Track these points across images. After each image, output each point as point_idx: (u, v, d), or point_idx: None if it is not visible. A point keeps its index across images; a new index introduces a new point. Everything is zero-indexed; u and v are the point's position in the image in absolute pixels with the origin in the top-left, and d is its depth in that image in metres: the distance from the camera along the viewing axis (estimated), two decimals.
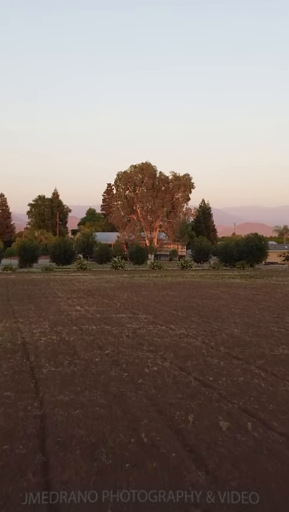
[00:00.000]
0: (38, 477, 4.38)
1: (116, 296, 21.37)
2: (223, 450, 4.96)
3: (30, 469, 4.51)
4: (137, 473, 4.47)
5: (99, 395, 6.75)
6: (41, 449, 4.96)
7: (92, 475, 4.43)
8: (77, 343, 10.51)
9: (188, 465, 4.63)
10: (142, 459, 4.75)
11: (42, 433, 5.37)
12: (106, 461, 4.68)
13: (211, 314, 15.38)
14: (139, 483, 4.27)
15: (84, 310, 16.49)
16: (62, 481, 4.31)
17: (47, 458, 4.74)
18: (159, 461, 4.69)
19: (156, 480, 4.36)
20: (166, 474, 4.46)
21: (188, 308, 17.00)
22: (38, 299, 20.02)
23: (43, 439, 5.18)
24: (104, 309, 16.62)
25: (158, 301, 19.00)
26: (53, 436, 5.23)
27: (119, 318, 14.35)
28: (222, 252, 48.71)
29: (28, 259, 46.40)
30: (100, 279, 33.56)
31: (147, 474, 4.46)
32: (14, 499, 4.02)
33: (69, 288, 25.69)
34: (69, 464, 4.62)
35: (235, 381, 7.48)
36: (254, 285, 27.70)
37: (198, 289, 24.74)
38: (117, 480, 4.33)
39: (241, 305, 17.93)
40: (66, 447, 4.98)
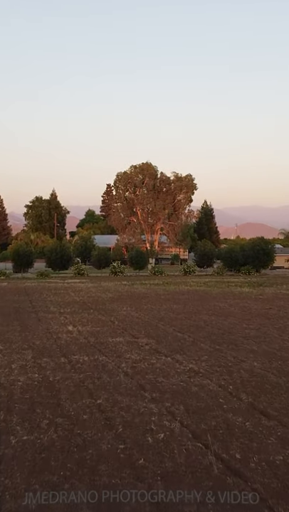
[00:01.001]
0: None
1: (114, 310, 19.32)
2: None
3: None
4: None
5: (83, 491, 4.71)
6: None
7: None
8: (63, 386, 8.46)
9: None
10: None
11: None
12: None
13: (222, 337, 13.32)
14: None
15: (76, 331, 14.43)
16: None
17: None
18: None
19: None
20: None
21: (196, 328, 14.94)
22: (26, 315, 17.96)
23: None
24: (100, 330, 14.58)
25: (160, 318, 16.95)
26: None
27: (116, 344, 12.30)
28: (226, 257, 46.68)
29: (22, 265, 44.38)
30: (98, 287, 31.51)
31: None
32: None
33: (63, 299, 23.63)
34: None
35: (272, 462, 5.43)
36: (264, 295, 25.64)
37: (204, 301, 22.69)
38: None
39: (255, 324, 15.86)
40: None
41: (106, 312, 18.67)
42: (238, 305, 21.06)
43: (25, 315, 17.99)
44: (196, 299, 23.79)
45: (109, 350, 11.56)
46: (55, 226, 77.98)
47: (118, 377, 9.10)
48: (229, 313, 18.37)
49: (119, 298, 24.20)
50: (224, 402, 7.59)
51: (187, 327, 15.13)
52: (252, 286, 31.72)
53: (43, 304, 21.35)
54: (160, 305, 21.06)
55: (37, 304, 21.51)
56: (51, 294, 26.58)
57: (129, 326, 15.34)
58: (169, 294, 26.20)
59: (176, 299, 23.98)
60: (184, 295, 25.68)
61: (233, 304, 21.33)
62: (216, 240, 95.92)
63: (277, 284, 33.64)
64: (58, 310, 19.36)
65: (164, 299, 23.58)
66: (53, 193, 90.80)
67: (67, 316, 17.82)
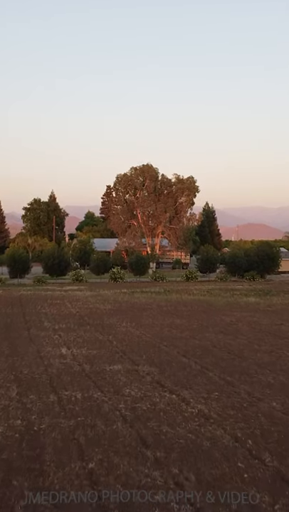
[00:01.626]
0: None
1: (112, 326, 17.93)
2: None
3: None
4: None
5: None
6: None
7: None
8: (49, 441, 7.06)
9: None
10: None
11: None
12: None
13: (232, 364, 11.91)
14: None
15: (70, 355, 13.05)
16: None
17: None
18: None
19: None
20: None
21: (202, 351, 13.52)
22: (17, 333, 16.58)
23: None
24: (97, 354, 13.18)
25: (163, 338, 15.54)
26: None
27: (114, 374, 10.90)
28: (230, 262, 45.26)
29: (18, 271, 42.96)
30: (96, 296, 30.09)
31: None
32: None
33: (59, 311, 22.23)
34: None
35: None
36: (272, 307, 24.22)
37: (209, 314, 21.28)
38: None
39: (267, 345, 14.47)
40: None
41: (104, 329, 17.28)
42: (245, 319, 19.65)
43: (16, 333, 16.59)
44: (200, 311, 22.39)
45: (106, 383, 10.17)
46: (53, 229, 76.61)
47: (115, 425, 7.70)
48: (237, 331, 16.98)
49: (118, 310, 22.80)
50: (244, 467, 6.18)
51: (192, 349, 13.73)
52: (258, 294, 30.30)
53: (37, 318, 19.95)
54: (162, 319, 19.66)
55: (30, 318, 20.11)
56: (46, 304, 25.18)
57: (128, 347, 13.94)
58: (172, 305, 24.78)
59: (179, 311, 22.57)
60: (187, 306, 24.27)
61: (240, 318, 19.91)
62: (217, 242, 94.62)
63: (284, 293, 32.19)
64: (52, 326, 17.97)
65: (166, 312, 22.17)
66: (52, 195, 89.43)
67: (62, 333, 16.44)
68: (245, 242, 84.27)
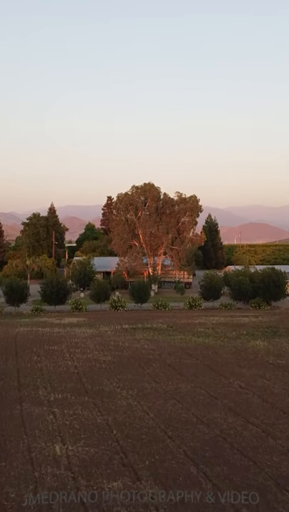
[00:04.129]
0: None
1: (112, 396, 16.57)
2: None
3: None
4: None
5: None
6: None
7: None
8: None
9: None
10: None
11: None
12: None
13: (247, 478, 10.47)
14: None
15: (65, 457, 11.69)
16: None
17: None
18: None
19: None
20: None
21: (212, 450, 12.12)
22: (9, 412, 15.16)
23: None
24: (94, 454, 11.81)
25: (167, 421, 14.11)
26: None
27: (113, 499, 9.46)
28: (235, 289, 43.74)
29: (16, 300, 41.52)
30: (96, 336, 28.64)
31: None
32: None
33: (55, 367, 20.81)
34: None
35: None
36: (282, 357, 22.74)
37: (217, 372, 19.86)
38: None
39: (284, 436, 13.06)
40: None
41: (103, 402, 15.88)
42: (256, 384, 18.23)
43: (7, 411, 15.16)
44: (205, 366, 20.98)
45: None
46: (53, 245, 75.20)
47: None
48: (248, 406, 15.58)
49: (119, 364, 21.39)
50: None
51: (201, 446, 12.33)
52: (266, 335, 28.78)
53: (32, 381, 18.55)
54: (166, 382, 18.29)
55: (25, 380, 18.69)
56: (43, 353, 23.77)
57: (130, 443, 12.53)
58: (176, 355, 23.34)
59: (184, 365, 21.15)
60: (192, 358, 22.81)
61: (250, 382, 18.49)
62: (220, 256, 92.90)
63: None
64: (47, 397, 16.56)
65: (169, 367, 20.75)
66: (52, 208, 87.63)
67: (57, 410, 15.09)
68: (253, 257, 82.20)
